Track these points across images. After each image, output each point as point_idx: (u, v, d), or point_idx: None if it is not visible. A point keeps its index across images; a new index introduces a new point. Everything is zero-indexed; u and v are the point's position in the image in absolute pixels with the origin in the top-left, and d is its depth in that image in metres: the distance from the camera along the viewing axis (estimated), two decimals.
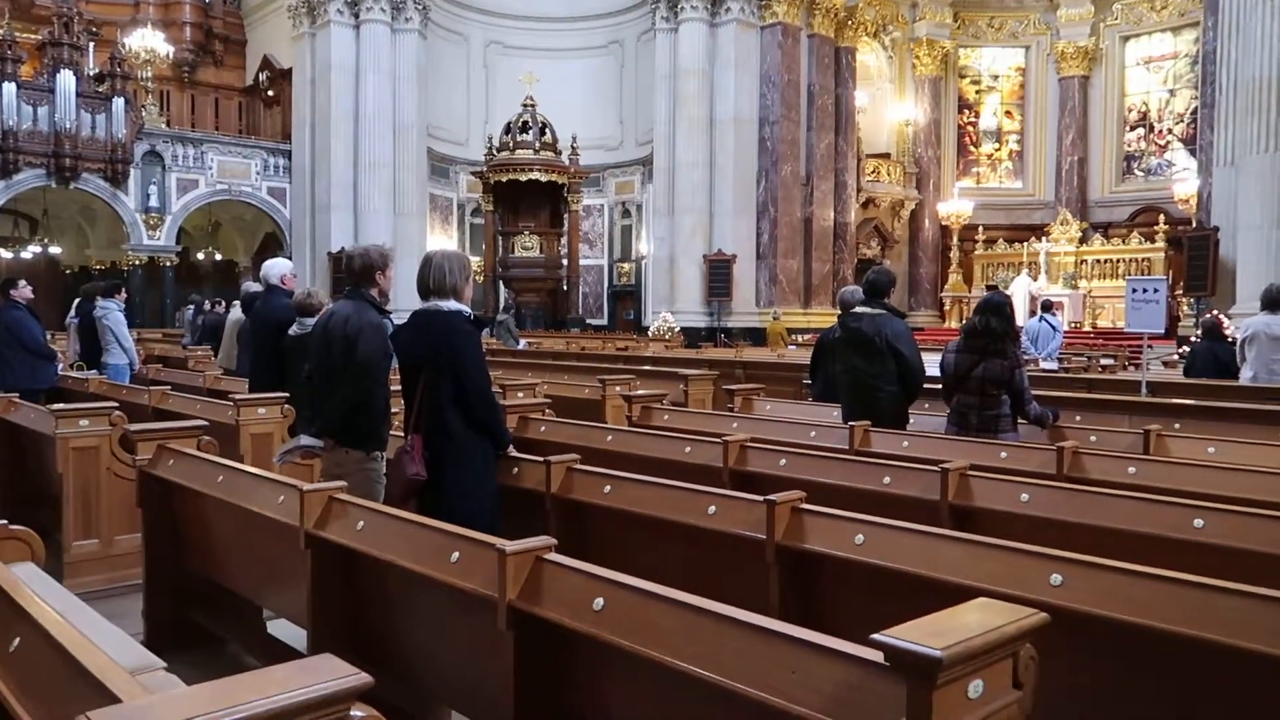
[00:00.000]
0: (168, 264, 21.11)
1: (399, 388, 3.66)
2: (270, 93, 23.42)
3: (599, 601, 2.01)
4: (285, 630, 3.51)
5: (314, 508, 2.87)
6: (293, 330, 5.31)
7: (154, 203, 20.44)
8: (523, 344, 15.39)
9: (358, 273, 3.85)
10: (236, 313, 8.36)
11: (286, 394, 5.38)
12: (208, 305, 15.43)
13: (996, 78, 26.26)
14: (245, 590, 3.59)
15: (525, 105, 21.40)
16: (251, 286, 7.83)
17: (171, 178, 20.72)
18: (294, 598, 3.04)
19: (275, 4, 22.74)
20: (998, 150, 26.42)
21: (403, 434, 3.64)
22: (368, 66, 20.64)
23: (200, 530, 3.69)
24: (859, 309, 5.09)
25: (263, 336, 5.89)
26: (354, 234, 20.18)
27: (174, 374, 9.05)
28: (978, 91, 26.34)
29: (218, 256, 24.59)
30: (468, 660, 2.49)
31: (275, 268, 6.17)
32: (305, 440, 3.82)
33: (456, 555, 2.40)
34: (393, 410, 3.93)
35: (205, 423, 4.23)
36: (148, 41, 20.62)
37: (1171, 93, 24.30)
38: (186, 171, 20.89)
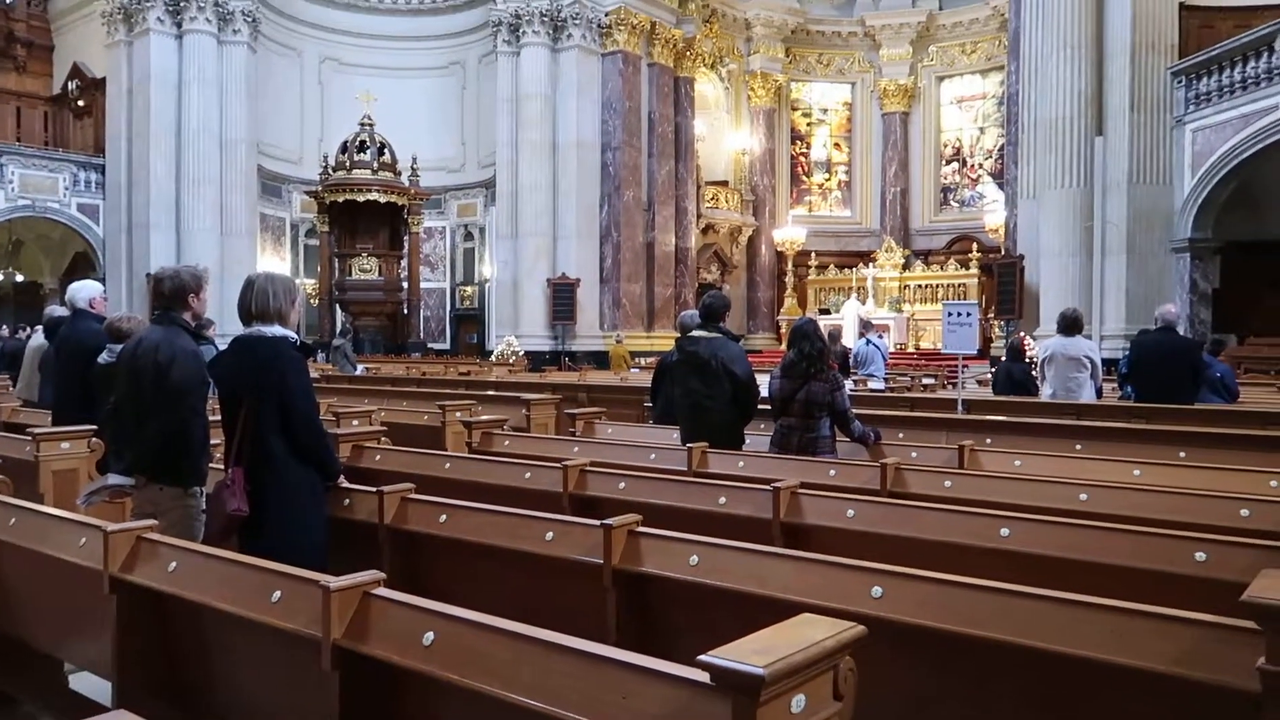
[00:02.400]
0: None
1: (218, 418, 3.46)
2: (81, 103, 21.84)
3: (429, 636, 1.96)
4: (90, 684, 3.24)
5: (120, 549, 2.67)
6: (103, 358, 4.94)
7: None
8: (360, 369, 14.90)
9: (168, 296, 3.61)
10: (39, 339, 7.71)
11: (95, 427, 5.00)
12: (5, 330, 14.18)
13: (826, 111, 27.65)
14: (43, 643, 3.28)
15: (363, 124, 20.87)
16: (57, 310, 7.25)
17: None
18: (99, 648, 2.81)
19: (87, 9, 21.30)
20: (828, 180, 27.75)
21: (223, 467, 3.44)
22: (192, 78, 19.61)
23: None
24: (696, 333, 5.20)
25: (69, 364, 5.46)
26: (177, 254, 19.04)
27: None
28: (809, 124, 27.64)
29: (19, 278, 22.66)
30: (292, 704, 2.36)
31: (83, 290, 5.74)
32: (113, 479, 3.54)
33: (278, 594, 2.29)
34: (212, 442, 3.72)
35: None
36: None
37: (981, 130, 26.26)
38: None
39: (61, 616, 3.10)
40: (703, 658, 1.49)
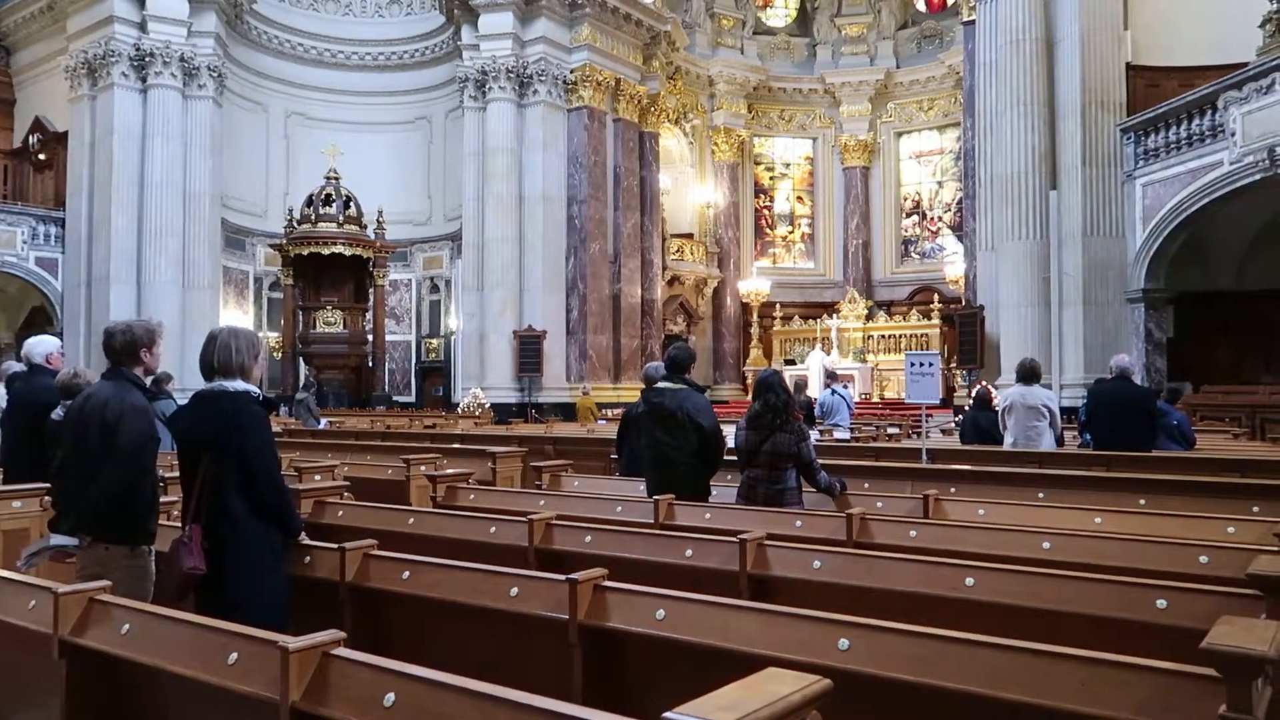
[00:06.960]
0: None
1: (171, 474, 3.40)
2: (42, 156, 21.63)
3: (390, 697, 1.92)
4: None
5: (70, 612, 2.59)
6: (55, 414, 4.85)
7: None
8: (324, 423, 14.73)
9: (119, 350, 3.55)
10: None
11: (48, 484, 4.88)
12: None
13: (788, 165, 28.18)
14: None
15: (329, 178, 20.89)
16: (13, 366, 7.12)
17: None
18: (47, 716, 2.72)
19: (50, 64, 21.24)
20: (791, 233, 28.17)
21: (179, 524, 3.37)
22: (156, 132, 19.54)
23: None
24: (661, 384, 5.22)
25: (22, 420, 5.36)
26: (137, 308, 18.80)
27: None
28: (772, 178, 28.12)
29: None
30: None
31: (39, 345, 5.66)
32: (56, 540, 3.43)
33: (235, 656, 2.23)
34: (162, 499, 3.63)
35: None
36: None
37: (940, 184, 26.86)
38: None
39: (7, 683, 3.00)
40: (668, 715, 1.48)
